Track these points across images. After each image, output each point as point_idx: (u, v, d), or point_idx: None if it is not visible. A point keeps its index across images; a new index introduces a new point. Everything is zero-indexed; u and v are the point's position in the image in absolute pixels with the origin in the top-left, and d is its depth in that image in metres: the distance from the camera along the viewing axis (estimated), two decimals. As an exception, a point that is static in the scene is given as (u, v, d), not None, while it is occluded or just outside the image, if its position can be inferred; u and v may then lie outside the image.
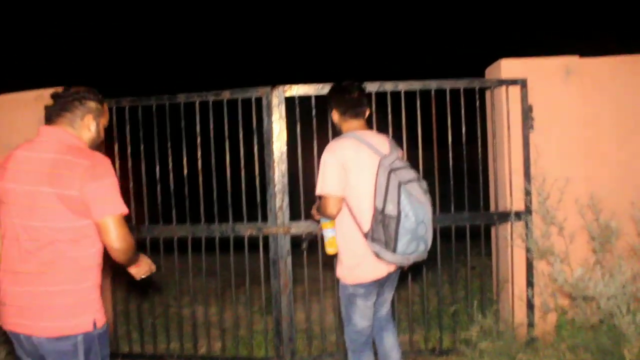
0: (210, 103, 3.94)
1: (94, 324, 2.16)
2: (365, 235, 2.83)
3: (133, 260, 2.31)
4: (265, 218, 3.90)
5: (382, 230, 2.74)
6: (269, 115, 3.86)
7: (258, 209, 3.92)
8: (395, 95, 3.91)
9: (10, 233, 2.15)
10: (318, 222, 3.22)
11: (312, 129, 3.84)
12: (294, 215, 3.96)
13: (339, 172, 2.81)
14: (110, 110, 4.11)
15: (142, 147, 4.04)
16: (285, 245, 3.88)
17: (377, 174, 2.82)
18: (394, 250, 2.73)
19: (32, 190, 2.09)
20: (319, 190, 2.86)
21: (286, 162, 3.87)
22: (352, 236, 2.89)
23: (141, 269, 2.43)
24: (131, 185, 4.06)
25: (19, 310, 2.12)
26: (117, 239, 2.10)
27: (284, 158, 3.87)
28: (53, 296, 2.10)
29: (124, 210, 2.15)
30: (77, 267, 2.13)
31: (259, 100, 3.89)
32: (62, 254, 2.10)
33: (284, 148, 3.86)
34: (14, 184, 2.13)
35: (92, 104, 2.28)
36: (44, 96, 4.24)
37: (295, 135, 3.85)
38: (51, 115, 2.26)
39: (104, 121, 2.37)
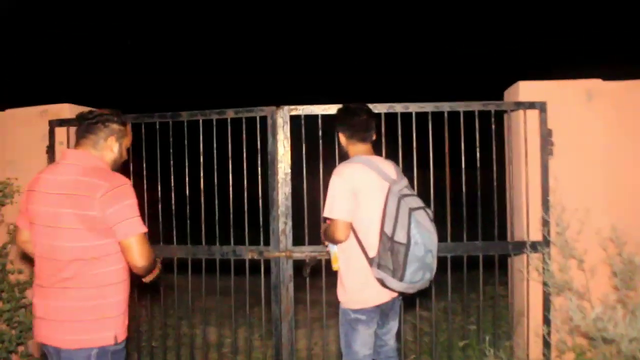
0: (214, 122, 3.81)
1: (115, 339, 2.26)
2: (371, 261, 2.77)
3: (151, 271, 2.45)
4: (267, 241, 3.74)
5: (390, 257, 2.68)
6: (274, 135, 3.71)
7: (260, 231, 3.76)
8: (406, 118, 3.73)
9: (39, 251, 2.29)
10: (324, 244, 3.10)
11: (317, 150, 3.68)
12: (297, 239, 3.78)
13: (348, 197, 2.77)
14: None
15: (144, 166, 3.93)
16: (287, 270, 3.70)
17: (386, 200, 2.77)
18: (401, 278, 2.66)
19: (55, 212, 2.21)
20: (327, 214, 2.81)
21: (290, 184, 3.71)
22: (357, 261, 2.84)
23: (153, 274, 2.56)
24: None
25: (47, 324, 2.25)
26: (141, 257, 2.22)
27: (288, 180, 3.71)
28: (76, 311, 2.20)
29: (145, 229, 2.26)
30: (99, 284, 2.23)
31: (263, 120, 3.75)
32: (84, 272, 2.20)
33: (288, 169, 3.71)
34: (39, 206, 2.27)
35: (114, 126, 2.40)
36: (48, 112, 4.19)
37: (301, 156, 3.70)
38: (77, 137, 2.39)
39: (126, 142, 2.49)
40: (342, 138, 3.02)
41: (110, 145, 2.39)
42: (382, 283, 2.74)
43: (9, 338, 3.75)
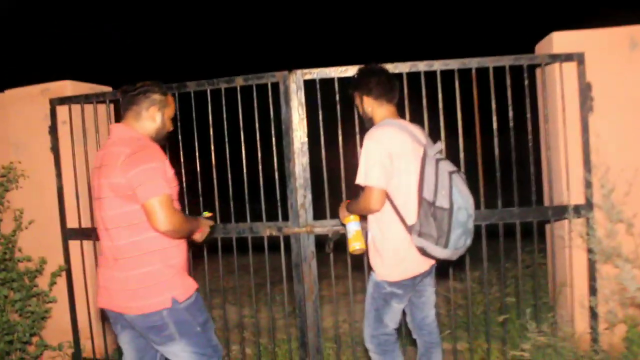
0: (223, 91, 3.53)
1: (173, 300, 2.29)
2: (410, 229, 2.61)
3: (190, 233, 2.42)
4: (286, 216, 3.48)
5: (434, 224, 2.51)
6: (287, 102, 3.42)
7: (278, 206, 3.50)
8: (430, 77, 3.40)
9: (97, 222, 2.41)
10: (342, 221, 2.86)
11: (335, 117, 3.39)
12: (318, 213, 3.52)
13: (384, 163, 2.57)
14: (114, 100, 3.77)
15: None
16: (308, 246, 3.45)
17: (423, 165, 2.60)
18: (446, 245, 2.51)
19: (98, 184, 2.34)
20: (362, 181, 2.61)
21: (307, 154, 3.42)
22: (394, 231, 2.66)
23: (202, 233, 2.58)
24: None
25: (108, 292, 2.35)
26: (163, 221, 2.17)
27: (305, 150, 3.42)
28: (128, 280, 2.28)
29: (166, 191, 2.20)
30: (143, 250, 2.27)
31: (275, 87, 3.46)
32: (125, 240, 2.27)
33: (305, 138, 3.42)
34: (92, 181, 2.45)
35: (156, 96, 2.42)
36: (50, 90, 3.95)
37: (317, 124, 3.41)
38: (121, 111, 2.43)
39: (169, 112, 2.48)
40: (367, 101, 2.78)
41: (152, 115, 2.41)
42: (423, 251, 2.58)
43: (22, 329, 3.57)
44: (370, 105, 2.78)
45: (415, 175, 2.59)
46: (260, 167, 3.54)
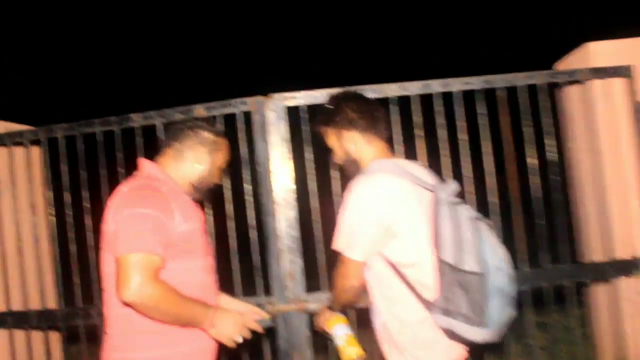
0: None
1: None
2: (430, 307, 1.91)
3: (183, 320, 1.74)
4: (269, 290, 2.59)
5: (462, 295, 1.84)
6: (264, 136, 2.58)
7: (257, 275, 2.62)
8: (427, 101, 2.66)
9: None
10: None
11: (328, 154, 2.57)
12: (312, 283, 2.65)
13: (371, 227, 1.91)
14: (35, 142, 2.85)
15: (83, 194, 2.76)
16: (300, 327, 2.56)
17: (435, 215, 1.91)
18: (483, 323, 1.85)
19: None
20: (339, 248, 1.97)
21: (295, 206, 2.57)
22: (410, 312, 1.95)
23: (222, 330, 1.81)
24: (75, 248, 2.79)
25: None
26: (128, 288, 1.62)
27: (292, 200, 2.57)
28: None
29: (150, 248, 1.67)
30: (131, 328, 1.75)
31: (248, 117, 2.62)
32: (115, 309, 1.77)
33: (291, 185, 2.57)
34: None
35: (206, 135, 1.96)
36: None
37: (303, 165, 2.58)
38: (160, 146, 2.00)
39: (219, 158, 2.01)
40: (349, 138, 2.05)
41: (197, 157, 1.94)
42: (453, 334, 1.88)
43: None
44: (353, 143, 2.05)
45: (428, 231, 1.92)
46: (232, 224, 2.66)
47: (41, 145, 2.89)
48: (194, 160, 1.94)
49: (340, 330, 2.09)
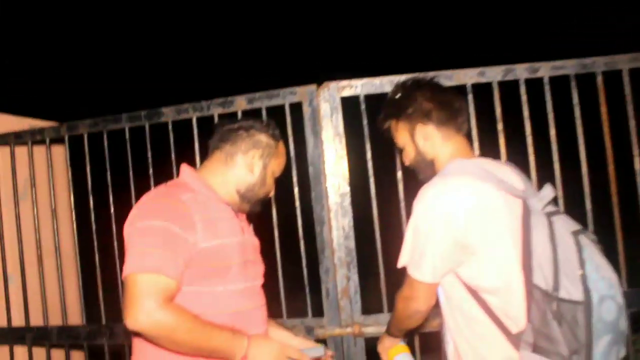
0: (216, 119, 2.31)
1: None
2: (516, 341, 1.52)
3: (204, 352, 1.46)
4: (319, 310, 2.21)
5: (559, 329, 1.46)
6: (316, 131, 2.19)
7: (306, 294, 2.23)
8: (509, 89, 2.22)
9: None
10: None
11: (391, 151, 2.16)
12: (369, 304, 2.25)
13: (444, 242, 1.55)
14: (59, 140, 2.55)
15: (110, 199, 2.44)
16: (356, 354, 2.16)
17: (526, 229, 1.53)
18: None
19: None
20: (402, 263, 1.64)
21: (350, 212, 2.17)
22: (492, 347, 1.57)
23: None
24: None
25: None
26: (132, 312, 1.38)
27: (348, 205, 2.17)
28: None
29: (157, 267, 1.40)
30: (148, 355, 1.52)
31: (296, 109, 2.23)
32: (135, 337, 1.55)
33: (346, 187, 2.18)
34: None
35: (262, 138, 1.68)
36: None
37: (364, 165, 2.19)
38: (208, 149, 1.73)
39: (275, 165, 1.73)
40: (424, 133, 1.69)
41: (250, 162, 1.68)
42: None
43: None
44: (428, 139, 1.69)
45: (516, 249, 1.53)
46: (275, 233, 2.28)
47: (64, 143, 2.58)
48: (245, 166, 1.67)
49: None
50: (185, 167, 1.70)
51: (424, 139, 1.68)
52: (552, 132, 2.19)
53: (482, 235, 1.52)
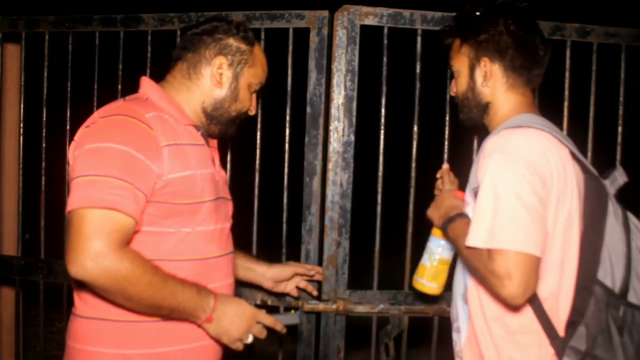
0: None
1: None
2: (561, 347, 1.17)
3: (162, 308, 1.16)
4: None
5: (619, 339, 1.14)
6: (321, 65, 1.77)
7: (282, 255, 1.83)
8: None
9: None
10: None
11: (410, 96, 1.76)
12: (359, 279, 1.86)
13: (537, 207, 1.14)
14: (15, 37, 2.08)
15: (68, 112, 1.99)
16: (337, 335, 1.78)
17: (591, 212, 1.19)
18: None
19: None
20: (484, 242, 1.14)
21: (351, 166, 1.77)
22: (525, 346, 1.20)
23: (225, 328, 1.22)
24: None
25: None
26: (75, 255, 1.08)
27: (350, 157, 1.77)
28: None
29: (109, 201, 1.10)
30: (86, 310, 1.22)
31: (301, 35, 1.80)
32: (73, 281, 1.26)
33: (352, 136, 1.77)
34: None
35: (230, 41, 1.34)
36: None
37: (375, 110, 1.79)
38: (172, 58, 1.39)
39: (251, 76, 1.36)
40: (493, 71, 1.30)
41: (215, 71, 1.31)
42: None
43: None
44: (489, 80, 1.30)
45: (575, 234, 1.19)
46: (256, 180, 1.87)
47: (20, 42, 2.08)
48: (211, 78, 1.33)
49: (436, 246, 1.43)
50: (146, 80, 1.37)
51: (483, 78, 1.30)
52: (592, 107, 1.81)
53: (553, 203, 1.16)
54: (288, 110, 1.81)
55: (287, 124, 1.81)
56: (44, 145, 2.04)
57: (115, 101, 1.32)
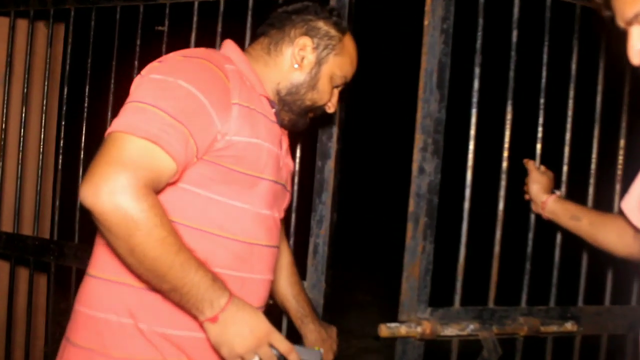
0: (222, 6, 1.64)
1: None
2: None
3: (163, 275, 0.94)
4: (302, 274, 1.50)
5: None
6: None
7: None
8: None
9: None
10: None
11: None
12: (441, 296, 1.49)
13: None
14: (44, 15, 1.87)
15: (86, 89, 1.70)
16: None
17: None
18: None
19: None
20: None
21: (442, 149, 1.42)
22: None
23: (228, 337, 0.98)
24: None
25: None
26: (91, 182, 0.90)
27: (440, 138, 1.41)
28: (72, 323, 1.14)
29: (150, 134, 0.93)
30: (102, 272, 1.10)
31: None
32: (98, 242, 1.16)
33: (443, 111, 1.41)
34: None
35: (320, 24, 1.20)
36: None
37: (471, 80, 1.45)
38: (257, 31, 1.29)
39: (337, 67, 1.20)
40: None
41: (297, 52, 1.18)
42: None
43: None
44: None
45: None
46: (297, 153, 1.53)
47: (49, 19, 1.94)
48: (291, 58, 1.19)
49: None
50: (230, 42, 1.23)
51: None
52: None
53: None
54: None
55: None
56: (63, 123, 1.90)
57: (196, 48, 1.20)
